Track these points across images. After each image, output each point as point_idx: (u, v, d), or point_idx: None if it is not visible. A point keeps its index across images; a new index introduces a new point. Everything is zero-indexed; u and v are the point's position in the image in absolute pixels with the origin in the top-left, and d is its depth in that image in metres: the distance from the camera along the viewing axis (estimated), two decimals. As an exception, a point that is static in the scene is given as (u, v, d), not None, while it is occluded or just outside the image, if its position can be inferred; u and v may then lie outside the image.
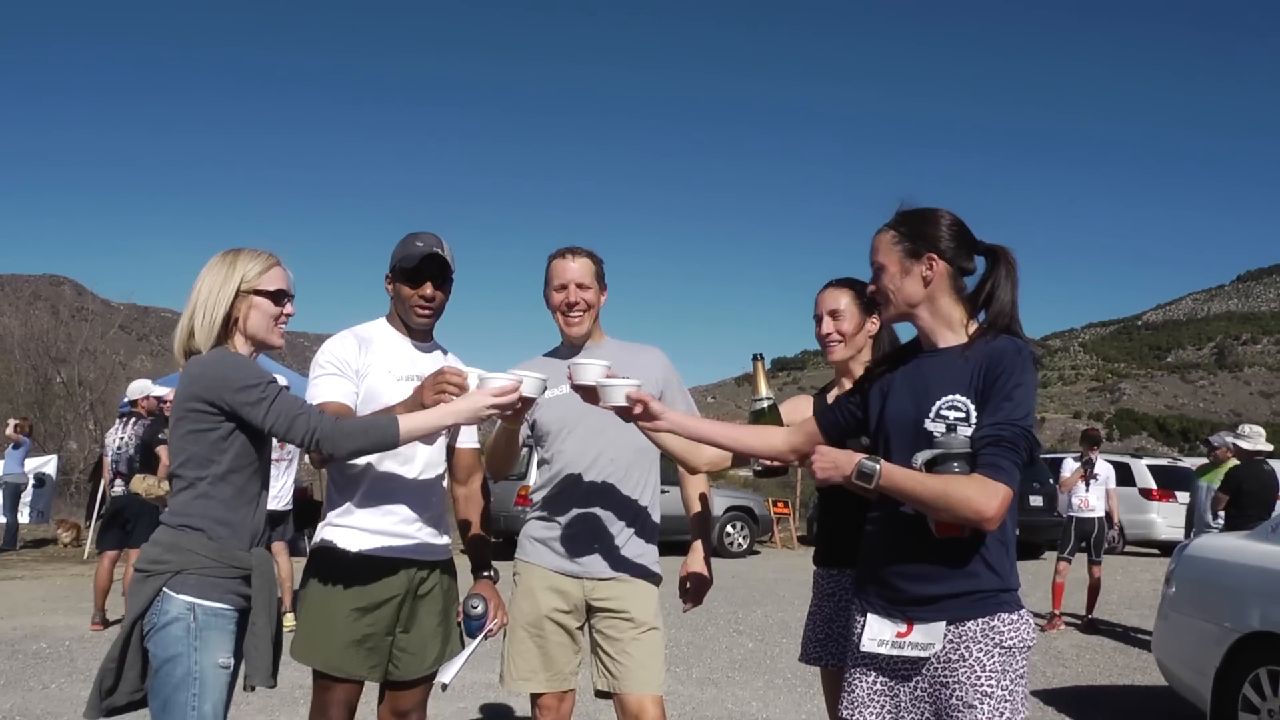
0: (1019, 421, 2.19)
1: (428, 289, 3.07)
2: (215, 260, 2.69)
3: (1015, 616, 2.27)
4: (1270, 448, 8.73)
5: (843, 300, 3.14)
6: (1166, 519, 17.63)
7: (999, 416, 2.20)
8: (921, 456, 2.22)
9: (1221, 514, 8.44)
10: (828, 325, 3.13)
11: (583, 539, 3.16)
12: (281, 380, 2.73)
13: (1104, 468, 10.06)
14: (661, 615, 3.22)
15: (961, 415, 2.26)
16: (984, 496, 2.13)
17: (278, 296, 2.70)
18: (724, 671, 7.24)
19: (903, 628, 2.30)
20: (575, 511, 3.16)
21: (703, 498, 3.35)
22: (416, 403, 2.74)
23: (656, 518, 3.29)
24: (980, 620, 2.25)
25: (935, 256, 2.37)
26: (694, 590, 3.29)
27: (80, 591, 10.24)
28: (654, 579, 3.23)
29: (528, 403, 2.80)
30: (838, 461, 2.27)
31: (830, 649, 3.09)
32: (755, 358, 3.02)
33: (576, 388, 2.72)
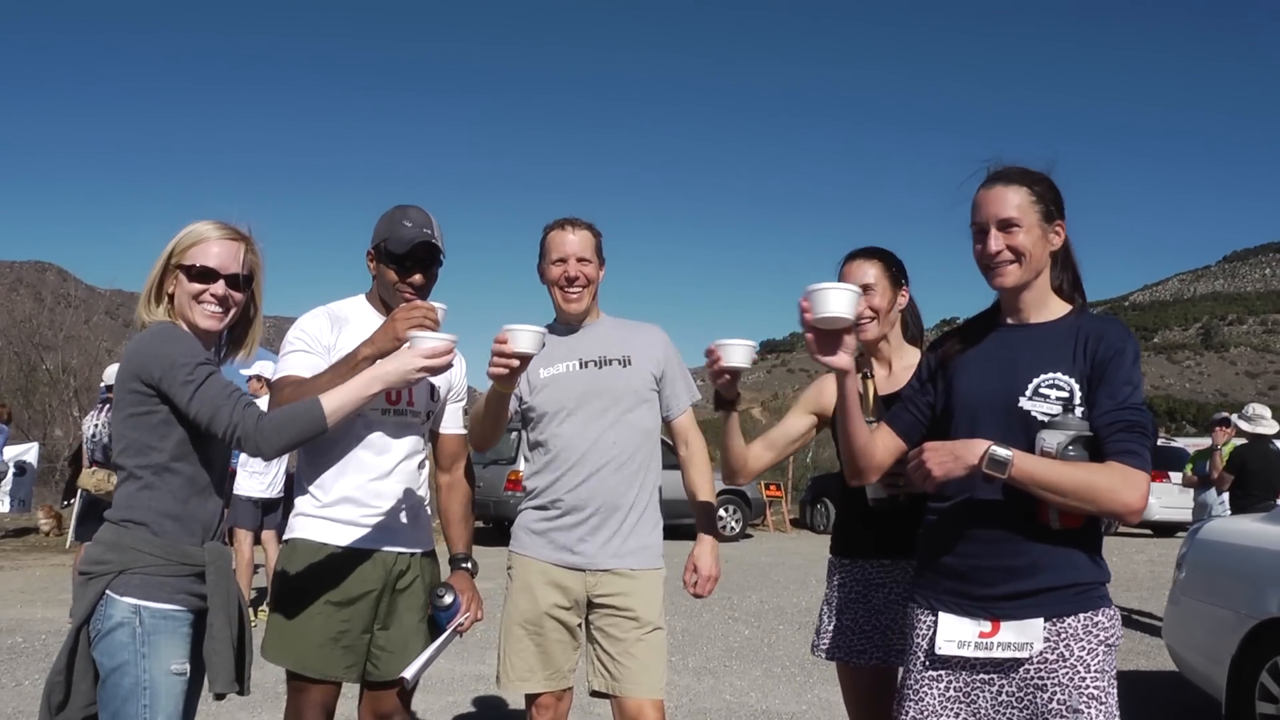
0: (1143, 407, 2.04)
1: (417, 278, 2.85)
2: None
3: (1114, 611, 2.12)
4: (1275, 428, 8.58)
5: (872, 273, 2.88)
6: (1158, 499, 17.53)
7: (1122, 399, 2.03)
8: (1054, 439, 2.03)
9: (1226, 494, 8.35)
10: (860, 302, 2.88)
11: (585, 528, 2.96)
12: (266, 367, 2.51)
13: None
14: (664, 611, 3.04)
15: (1065, 395, 2.08)
16: (1129, 488, 1.98)
17: (200, 274, 2.40)
18: (721, 660, 7.08)
19: (986, 627, 2.11)
20: (576, 498, 2.96)
21: (708, 489, 3.17)
22: (377, 351, 2.54)
23: (658, 505, 3.11)
24: (1083, 616, 2.07)
25: (1063, 225, 2.21)
26: (700, 582, 3.09)
27: (60, 582, 10.01)
28: (658, 571, 3.05)
29: (525, 360, 2.62)
30: (956, 452, 2.05)
31: (840, 643, 2.89)
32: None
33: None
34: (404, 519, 2.87)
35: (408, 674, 2.79)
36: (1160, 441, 20.30)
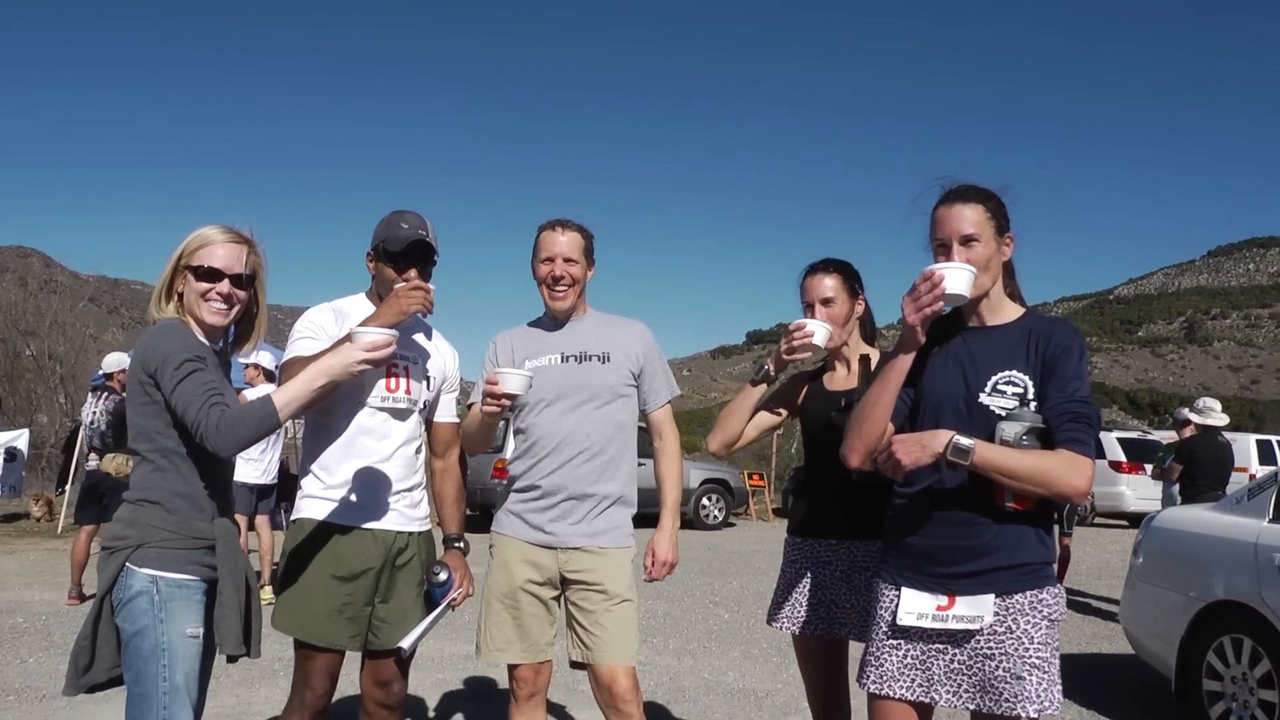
0: (1089, 399, 2.26)
1: (412, 274, 3.06)
2: None
3: (1057, 590, 2.33)
4: (1225, 421, 8.89)
5: (832, 285, 3.14)
6: (1136, 491, 17.88)
7: (1070, 393, 2.26)
8: (1012, 430, 2.26)
9: (1177, 483, 8.61)
10: (820, 314, 3.09)
11: (556, 511, 3.18)
12: (264, 358, 2.73)
13: None
14: (635, 587, 3.26)
15: (1020, 390, 2.31)
16: (1076, 473, 2.20)
17: (207, 274, 2.63)
18: (700, 642, 7.32)
19: (944, 601, 2.33)
20: (549, 484, 3.18)
21: (675, 479, 3.38)
22: (382, 324, 2.78)
23: (633, 491, 3.31)
24: (1030, 593, 2.29)
25: (1012, 237, 2.45)
26: (656, 567, 3.31)
27: (55, 566, 10.19)
28: (627, 549, 3.26)
29: (510, 398, 2.90)
30: (924, 442, 2.27)
31: (792, 615, 3.17)
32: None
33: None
34: (403, 500, 3.10)
35: (405, 644, 3.03)
36: (1138, 435, 20.67)
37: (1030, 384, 2.31)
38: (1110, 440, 19.24)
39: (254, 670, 5.62)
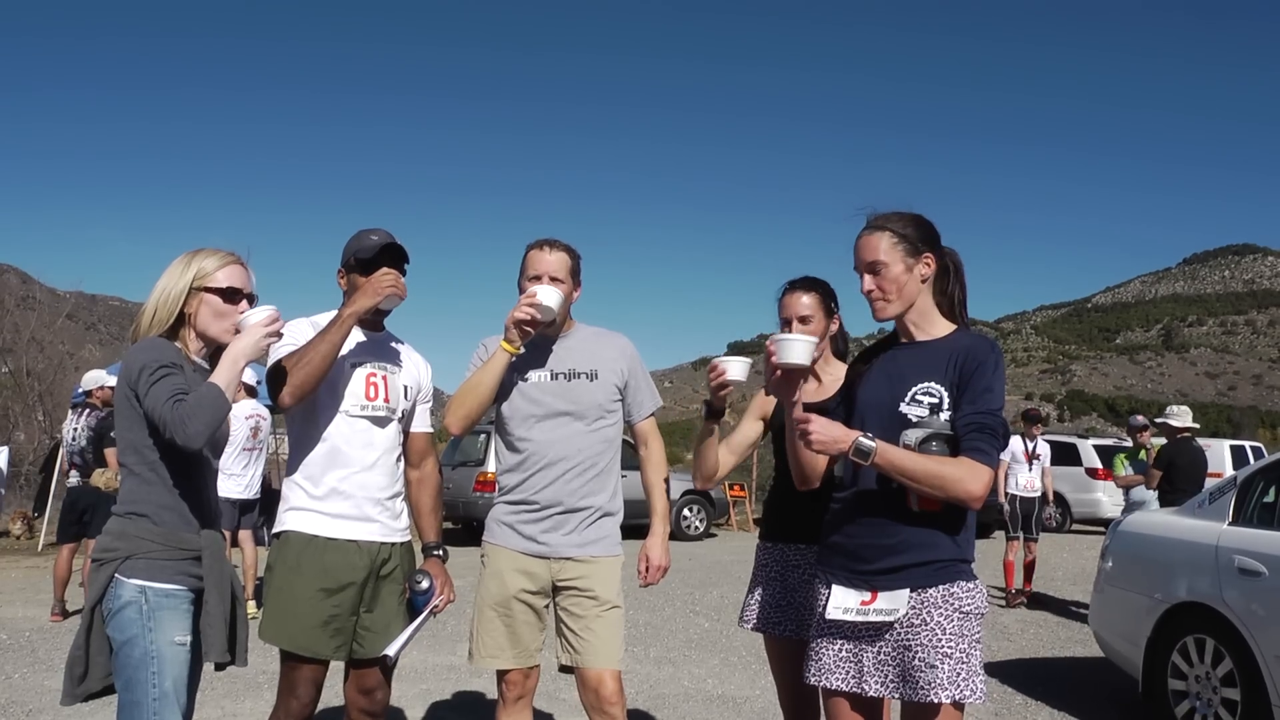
0: (998, 411, 2.40)
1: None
2: (178, 259, 2.80)
3: (972, 585, 2.46)
4: (1196, 426, 9.12)
5: (809, 304, 3.26)
6: (1112, 498, 18.07)
7: (980, 405, 2.40)
8: (912, 435, 2.41)
9: (1154, 491, 8.77)
10: (796, 330, 3.21)
11: (549, 522, 3.28)
12: (248, 374, 2.82)
13: (1042, 447, 10.35)
14: (623, 594, 3.36)
15: (935, 400, 2.46)
16: (973, 478, 2.34)
17: (229, 294, 2.77)
18: (681, 650, 7.41)
19: (867, 596, 2.47)
20: (542, 496, 3.28)
21: (662, 486, 3.49)
22: (358, 309, 3.04)
23: (619, 502, 3.42)
24: (941, 587, 2.43)
25: (931, 256, 2.57)
26: (650, 571, 3.43)
27: (36, 583, 10.18)
28: (617, 557, 3.36)
29: (546, 320, 3.18)
30: (835, 435, 2.41)
31: (764, 616, 3.31)
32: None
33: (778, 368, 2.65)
34: (386, 512, 3.20)
35: (390, 651, 3.13)
36: (1115, 442, 20.92)
37: (946, 395, 2.46)
38: (1086, 447, 19.51)
39: (238, 682, 5.68)
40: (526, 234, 3.44)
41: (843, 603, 2.50)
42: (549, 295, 3.14)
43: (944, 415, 2.44)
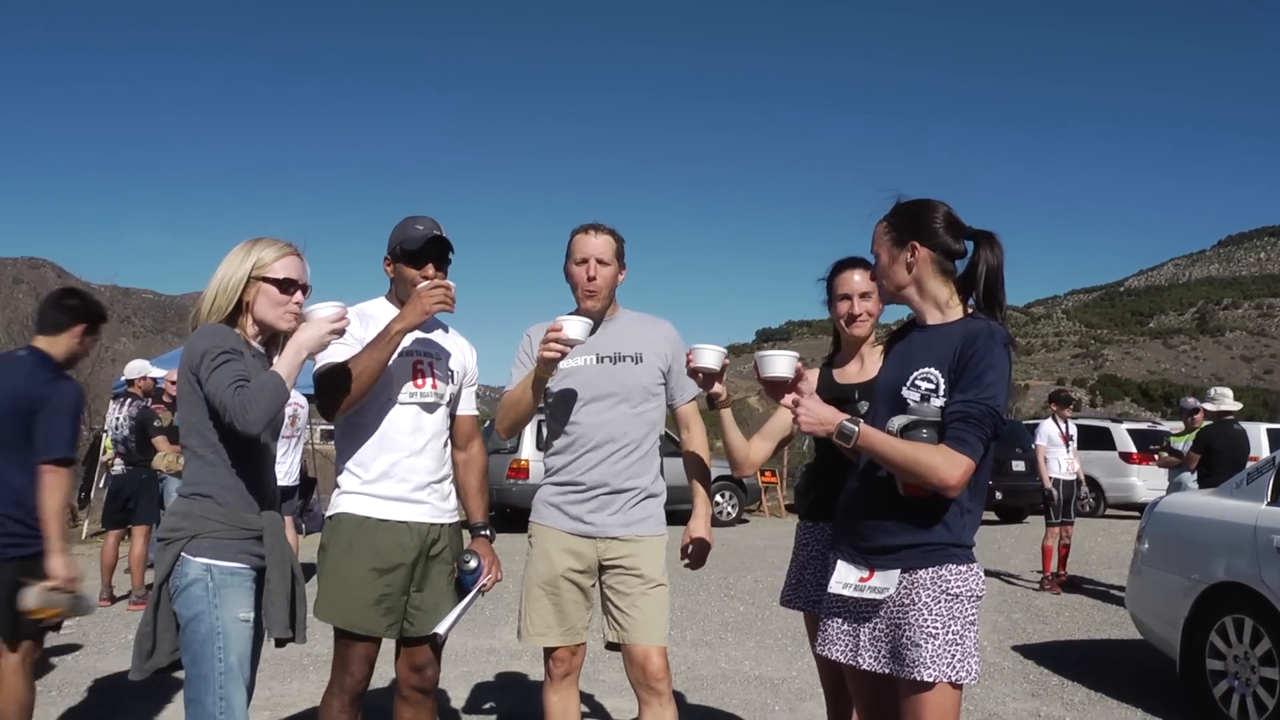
0: (987, 401, 2.41)
1: (430, 270, 3.23)
2: (237, 247, 2.88)
3: (964, 568, 2.50)
4: (1238, 407, 9.03)
5: (868, 281, 3.31)
6: (1146, 482, 17.90)
7: (969, 395, 2.43)
8: (896, 422, 2.46)
9: (1194, 472, 8.70)
10: (859, 306, 3.32)
11: (596, 503, 3.35)
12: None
13: (1071, 429, 10.21)
14: (667, 572, 3.41)
15: (932, 386, 2.50)
16: (948, 466, 2.38)
17: (285, 284, 2.85)
18: (717, 633, 7.48)
19: (865, 573, 2.56)
20: (588, 477, 3.35)
21: (703, 468, 3.55)
22: (407, 325, 3.07)
23: (663, 484, 3.49)
24: (930, 569, 2.48)
25: (918, 244, 2.60)
26: (695, 553, 3.49)
27: (83, 570, 10.35)
28: (661, 537, 3.43)
29: (572, 345, 3.11)
30: (822, 418, 2.50)
31: (801, 593, 3.39)
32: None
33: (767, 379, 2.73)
34: (435, 493, 3.28)
35: (440, 629, 3.22)
36: (1149, 426, 20.73)
37: (943, 381, 2.49)
38: (1121, 431, 19.31)
39: (284, 665, 5.81)
40: (569, 221, 3.50)
41: (843, 578, 2.59)
42: (575, 328, 3.11)
43: (938, 401, 2.47)
